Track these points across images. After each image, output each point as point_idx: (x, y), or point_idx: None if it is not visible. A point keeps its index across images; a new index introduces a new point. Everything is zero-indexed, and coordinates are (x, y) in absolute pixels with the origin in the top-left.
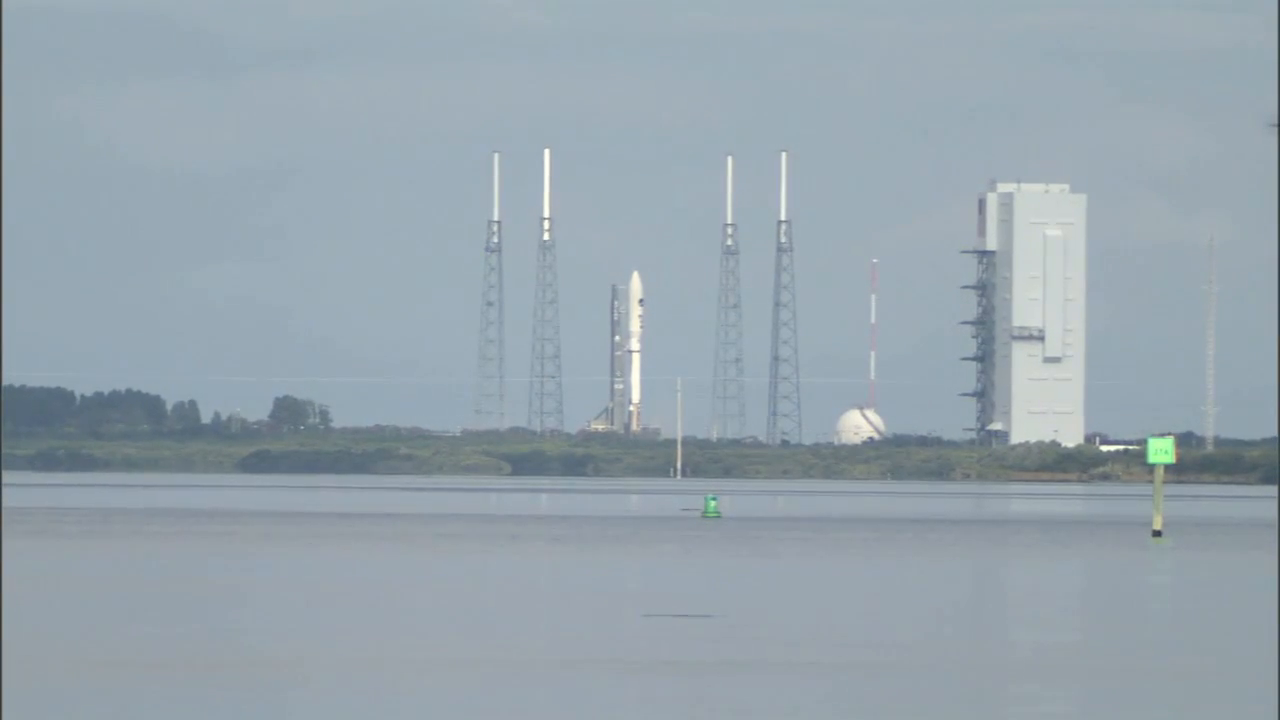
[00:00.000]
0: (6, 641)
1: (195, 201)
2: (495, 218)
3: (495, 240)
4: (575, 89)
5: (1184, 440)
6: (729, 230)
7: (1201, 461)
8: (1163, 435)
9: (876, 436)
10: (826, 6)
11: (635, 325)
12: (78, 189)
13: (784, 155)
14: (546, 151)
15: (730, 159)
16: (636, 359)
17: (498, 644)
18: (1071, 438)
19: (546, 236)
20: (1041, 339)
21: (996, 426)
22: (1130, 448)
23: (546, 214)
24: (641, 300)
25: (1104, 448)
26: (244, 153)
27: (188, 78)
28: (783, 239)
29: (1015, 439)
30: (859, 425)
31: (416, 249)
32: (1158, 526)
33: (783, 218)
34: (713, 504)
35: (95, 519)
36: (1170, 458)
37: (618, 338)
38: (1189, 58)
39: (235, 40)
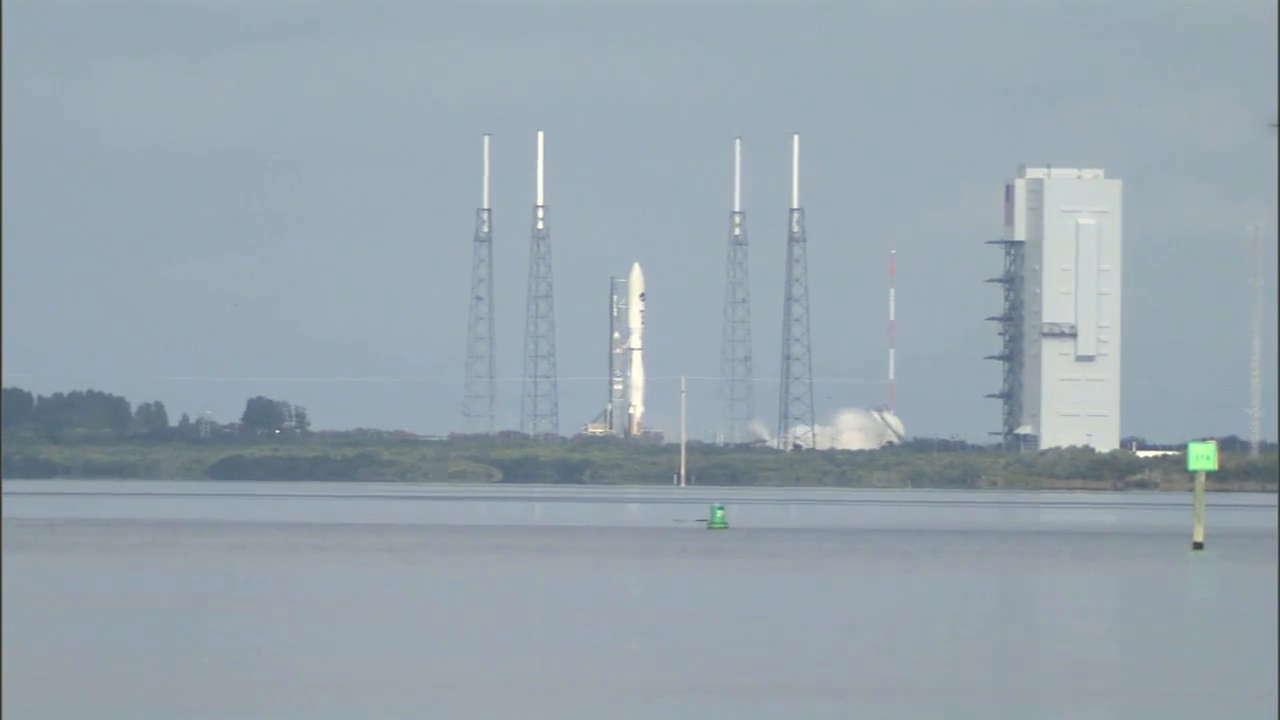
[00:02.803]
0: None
1: (165, 187)
2: (485, 205)
3: (485, 230)
4: (570, 66)
5: (1227, 445)
6: (737, 219)
7: (1246, 468)
8: (1204, 440)
9: (895, 440)
10: None
11: (636, 321)
12: (38, 173)
13: (796, 138)
14: (540, 134)
15: (738, 142)
16: (637, 357)
17: (500, 665)
18: (1106, 442)
19: (540, 225)
20: (1074, 336)
21: (1025, 430)
22: (1169, 453)
23: (540, 201)
24: (643, 294)
25: (1141, 453)
26: (218, 136)
27: (163, 56)
28: (795, 228)
29: (1045, 444)
30: (861, 424)
31: (401, 239)
32: (1199, 538)
33: (795, 205)
34: (720, 514)
35: (60, 530)
36: (1212, 464)
37: (617, 335)
38: (1235, 31)
39: (214, 18)
